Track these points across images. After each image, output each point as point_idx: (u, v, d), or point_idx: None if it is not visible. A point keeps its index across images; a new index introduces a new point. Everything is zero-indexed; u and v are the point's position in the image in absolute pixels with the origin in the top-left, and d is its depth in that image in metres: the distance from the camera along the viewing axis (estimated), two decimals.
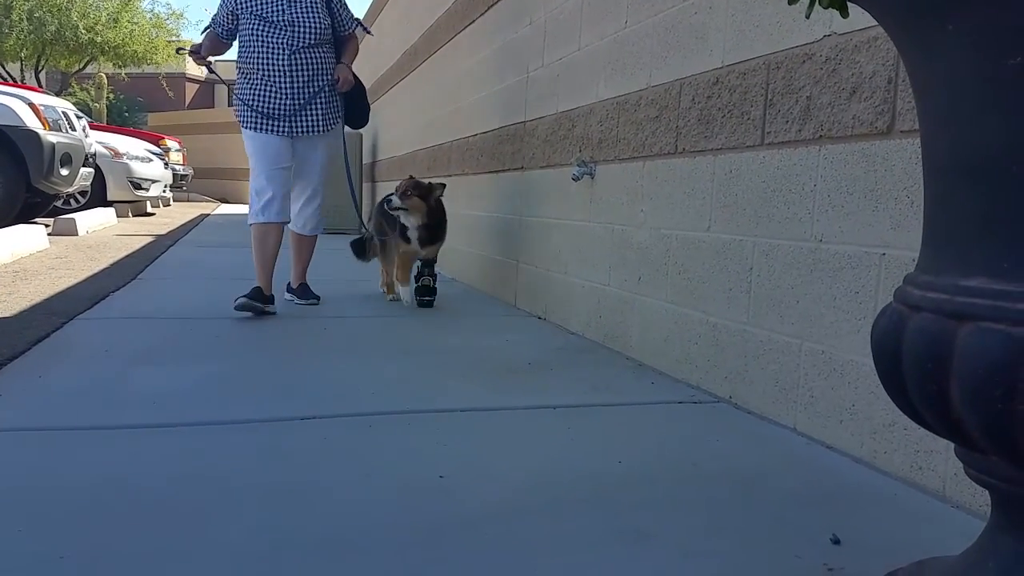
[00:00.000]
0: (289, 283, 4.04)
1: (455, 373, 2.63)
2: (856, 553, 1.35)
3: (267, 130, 3.68)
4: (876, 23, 1.47)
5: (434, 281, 4.09)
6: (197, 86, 33.80)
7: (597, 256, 3.21)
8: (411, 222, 3.92)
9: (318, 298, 3.98)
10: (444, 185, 3.99)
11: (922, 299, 0.94)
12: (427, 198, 3.91)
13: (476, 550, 1.33)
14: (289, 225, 3.86)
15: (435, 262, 4.13)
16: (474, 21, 5.14)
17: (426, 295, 4.08)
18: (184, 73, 30.31)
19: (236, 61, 3.74)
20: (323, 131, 3.83)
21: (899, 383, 0.96)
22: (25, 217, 7.39)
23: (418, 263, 4.09)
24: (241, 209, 15.35)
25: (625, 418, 2.18)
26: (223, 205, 17.78)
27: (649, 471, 1.74)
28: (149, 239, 7.41)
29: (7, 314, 3.26)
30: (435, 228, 4.00)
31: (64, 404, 2.06)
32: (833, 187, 1.94)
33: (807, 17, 1.18)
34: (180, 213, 12.48)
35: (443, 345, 2.98)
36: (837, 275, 1.92)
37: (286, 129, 3.72)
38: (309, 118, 3.75)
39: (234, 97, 3.76)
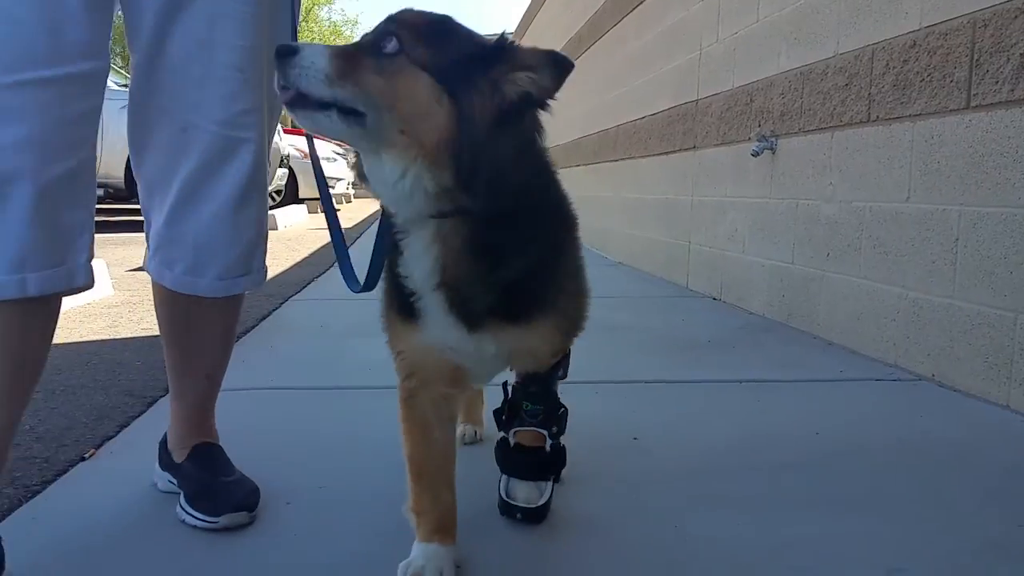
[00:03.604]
0: (162, 442, 1.46)
1: (631, 348, 2.69)
2: None
3: None
4: None
5: (555, 429, 1.36)
6: None
7: (779, 233, 3.14)
8: (387, 186, 1.02)
9: (251, 506, 1.31)
10: (564, 67, 1.03)
11: None
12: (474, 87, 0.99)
13: (673, 501, 1.39)
14: (149, 269, 1.36)
15: (555, 375, 1.33)
16: (641, 3, 5.13)
17: (517, 495, 1.32)
18: None
19: None
20: None
21: None
22: None
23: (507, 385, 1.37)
24: None
25: (818, 394, 2.15)
26: None
27: (850, 443, 1.72)
28: None
29: None
30: (516, 244, 1.06)
31: (296, 369, 2.35)
32: None
33: None
34: (361, 208, 13.38)
35: (611, 322, 3.00)
36: None
37: None
38: None
39: None
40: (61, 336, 2.85)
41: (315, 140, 1.36)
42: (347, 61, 0.97)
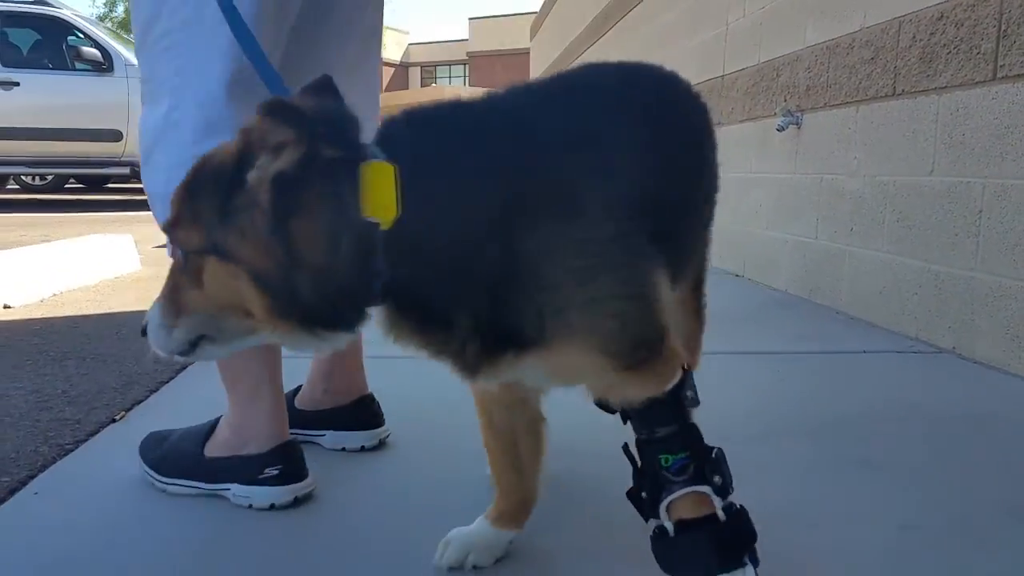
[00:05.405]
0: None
1: None
2: None
3: None
4: None
5: (719, 480, 0.95)
6: (392, 70, 35.83)
7: (803, 209, 3.13)
8: None
9: None
10: None
11: None
12: None
13: None
14: None
15: (680, 397, 0.98)
16: None
17: None
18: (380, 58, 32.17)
19: None
20: None
21: None
22: None
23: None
24: None
25: (838, 366, 2.16)
26: None
27: (869, 411, 1.74)
28: None
29: None
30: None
31: None
32: None
33: None
34: None
35: None
36: None
37: None
38: None
39: None
40: (92, 307, 2.94)
41: None
42: (172, 293, 0.88)
